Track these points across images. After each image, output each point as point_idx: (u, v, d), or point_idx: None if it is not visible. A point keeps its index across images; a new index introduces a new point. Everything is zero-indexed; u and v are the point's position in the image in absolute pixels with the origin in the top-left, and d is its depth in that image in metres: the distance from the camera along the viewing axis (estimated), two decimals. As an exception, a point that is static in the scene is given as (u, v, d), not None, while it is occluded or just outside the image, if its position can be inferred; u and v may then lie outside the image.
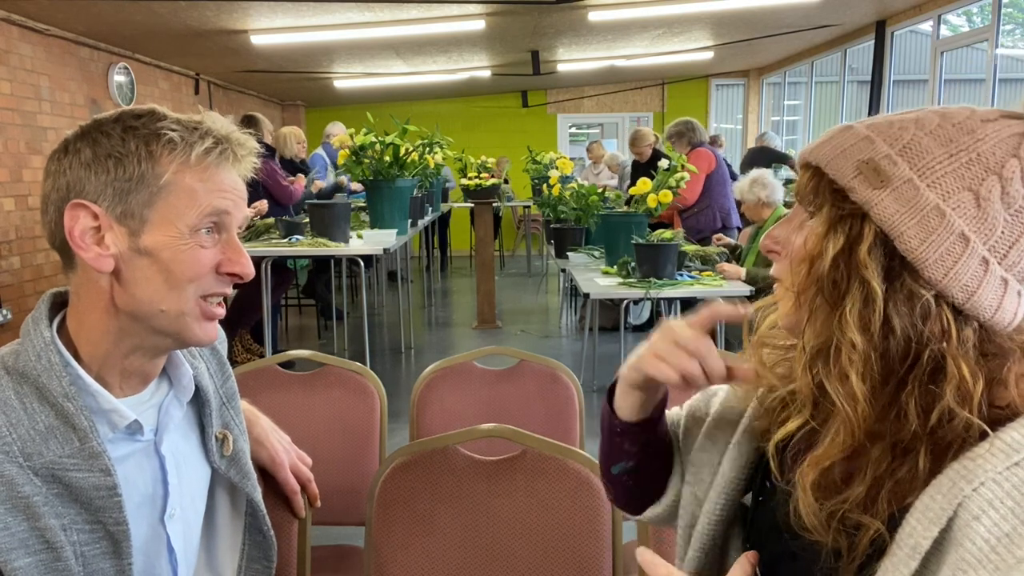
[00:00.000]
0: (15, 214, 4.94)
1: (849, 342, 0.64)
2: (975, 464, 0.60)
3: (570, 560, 1.23)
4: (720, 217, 4.84)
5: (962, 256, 0.63)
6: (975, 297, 0.63)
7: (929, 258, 0.63)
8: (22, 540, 0.77)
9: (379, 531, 1.24)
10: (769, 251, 0.75)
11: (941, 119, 0.67)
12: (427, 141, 4.77)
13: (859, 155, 0.67)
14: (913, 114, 0.69)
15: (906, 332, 0.63)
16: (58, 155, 0.83)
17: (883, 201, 0.65)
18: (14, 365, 0.82)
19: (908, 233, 0.64)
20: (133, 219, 0.81)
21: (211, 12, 5.24)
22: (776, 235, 0.75)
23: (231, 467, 0.99)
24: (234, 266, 0.86)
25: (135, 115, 0.84)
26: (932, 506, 0.60)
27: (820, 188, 0.70)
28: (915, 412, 0.63)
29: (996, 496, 0.58)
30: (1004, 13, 5.47)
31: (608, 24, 6.45)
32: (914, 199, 0.64)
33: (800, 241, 0.71)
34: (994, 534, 0.57)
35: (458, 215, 9.45)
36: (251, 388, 1.66)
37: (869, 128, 0.69)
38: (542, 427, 1.58)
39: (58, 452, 0.79)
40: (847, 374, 0.65)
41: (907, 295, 0.64)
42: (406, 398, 1.96)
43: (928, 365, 0.63)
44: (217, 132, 0.85)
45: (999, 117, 0.67)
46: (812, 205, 0.71)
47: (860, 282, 0.65)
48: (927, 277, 0.63)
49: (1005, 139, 0.65)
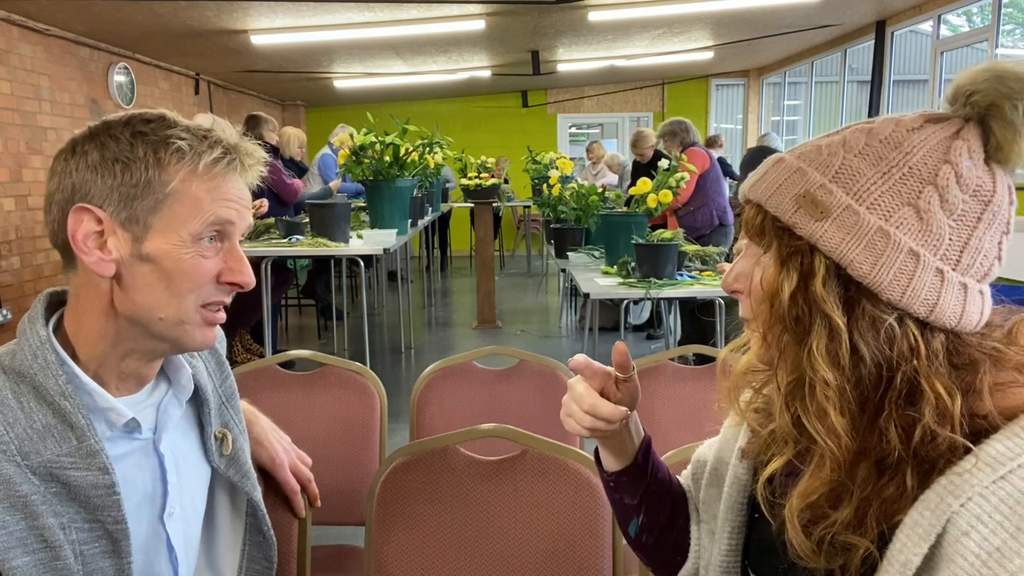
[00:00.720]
0: (15, 214, 4.94)
1: (822, 379, 0.64)
2: (961, 479, 0.59)
3: (570, 560, 1.23)
4: (716, 215, 4.85)
5: (916, 272, 0.63)
6: (938, 308, 0.63)
7: (884, 280, 0.63)
8: (20, 539, 0.77)
9: (379, 531, 1.24)
10: (732, 292, 0.75)
11: (868, 137, 0.67)
12: (427, 141, 4.76)
13: (795, 189, 0.67)
14: (840, 135, 0.69)
15: (875, 358, 0.64)
16: (65, 155, 0.83)
17: (827, 232, 0.65)
18: (10, 364, 0.82)
19: (857, 259, 0.63)
20: (137, 225, 0.81)
21: (211, 12, 5.24)
22: (736, 273, 0.74)
23: (231, 466, 0.99)
24: (235, 275, 0.86)
25: (145, 120, 0.83)
26: (921, 522, 0.60)
27: (765, 225, 0.69)
28: (896, 434, 0.63)
29: (984, 511, 0.58)
30: (1004, 13, 5.47)
31: (608, 24, 6.45)
32: (856, 225, 0.64)
33: (757, 279, 0.71)
34: (985, 549, 0.57)
35: (458, 215, 9.45)
36: (251, 388, 1.66)
37: (800, 158, 0.69)
38: (542, 427, 1.58)
39: (56, 451, 0.79)
40: (825, 410, 0.64)
41: (870, 321, 0.64)
42: (406, 398, 1.96)
43: (902, 387, 0.63)
44: (226, 142, 0.85)
45: (924, 123, 0.67)
46: (762, 242, 0.71)
47: (821, 316, 0.65)
48: (886, 299, 0.63)
49: (934, 147, 0.65)
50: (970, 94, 0.66)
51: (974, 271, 0.65)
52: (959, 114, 0.67)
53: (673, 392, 1.80)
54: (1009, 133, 0.64)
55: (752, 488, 0.83)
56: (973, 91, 0.65)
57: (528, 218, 9.51)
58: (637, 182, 3.86)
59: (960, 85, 0.67)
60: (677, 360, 1.88)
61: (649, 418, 1.77)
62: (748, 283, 0.73)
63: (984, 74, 0.65)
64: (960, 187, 0.64)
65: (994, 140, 0.65)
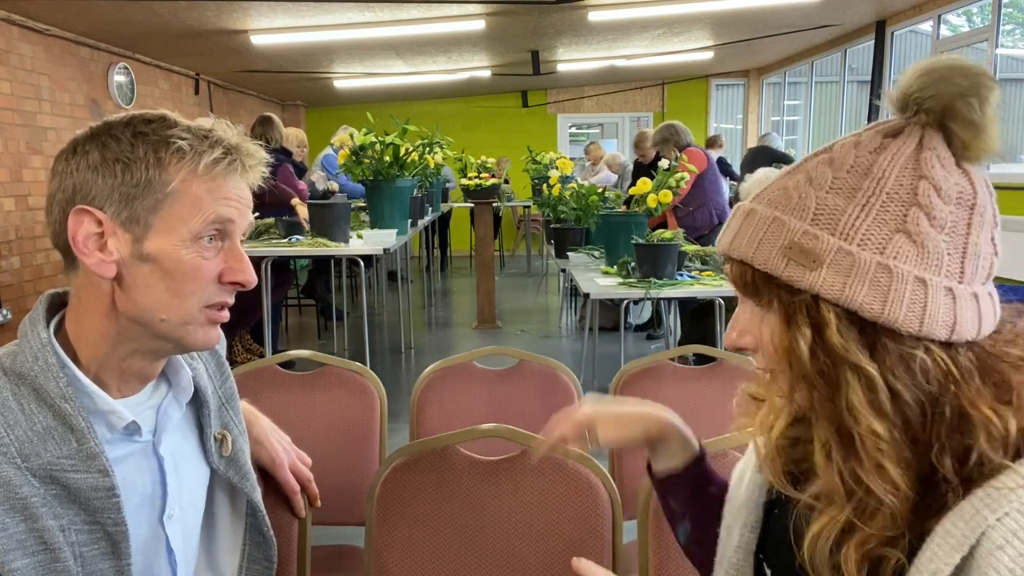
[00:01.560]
0: (15, 214, 4.94)
1: (869, 431, 0.62)
2: (999, 494, 0.58)
3: (570, 560, 1.22)
4: (716, 215, 4.86)
5: (928, 298, 0.61)
6: (958, 326, 0.62)
7: (899, 316, 0.61)
8: (20, 541, 0.77)
9: (379, 531, 1.24)
10: (738, 349, 0.73)
11: (833, 169, 0.64)
12: (427, 141, 4.76)
13: (778, 241, 0.65)
14: (802, 172, 0.66)
15: (917, 397, 0.61)
16: (66, 155, 0.83)
17: (826, 280, 0.62)
18: (11, 366, 0.82)
19: (866, 301, 0.61)
20: (137, 225, 0.81)
21: (211, 12, 5.24)
22: (740, 328, 0.72)
23: (230, 467, 0.99)
24: (237, 275, 0.86)
25: (146, 120, 0.83)
26: (954, 532, 0.59)
27: (758, 283, 0.67)
28: (951, 466, 0.61)
29: (1020, 526, 0.57)
30: (1004, 13, 5.47)
31: (608, 24, 6.45)
32: (853, 265, 0.62)
33: (767, 337, 0.68)
34: (1019, 564, 0.56)
35: (458, 215, 9.45)
36: (251, 388, 1.66)
37: (770, 205, 0.67)
38: (542, 427, 1.58)
39: (56, 453, 0.79)
40: (881, 464, 0.62)
41: (897, 359, 0.62)
42: (406, 398, 1.96)
43: (952, 418, 0.61)
44: (227, 142, 0.84)
45: (882, 140, 0.64)
46: (760, 301, 0.68)
47: (849, 367, 0.62)
48: (906, 333, 0.61)
49: (903, 166, 0.63)
50: (921, 101, 0.64)
51: (979, 276, 0.64)
52: (915, 122, 0.65)
53: (673, 392, 1.80)
54: (971, 131, 0.62)
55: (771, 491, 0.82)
56: (923, 97, 0.63)
57: (528, 218, 9.51)
58: (637, 182, 3.86)
59: (907, 91, 0.65)
60: (677, 360, 1.88)
61: (649, 418, 1.77)
62: (755, 339, 0.70)
63: (929, 77, 0.63)
64: (942, 199, 0.62)
65: (958, 141, 0.63)
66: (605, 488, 1.22)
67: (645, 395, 1.77)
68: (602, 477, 1.23)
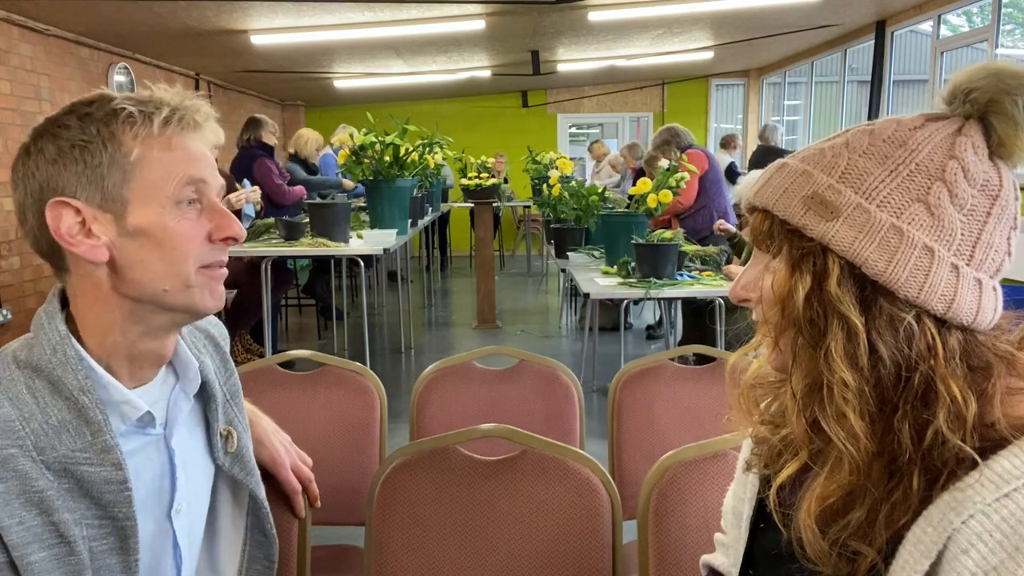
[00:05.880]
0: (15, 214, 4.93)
1: (840, 381, 0.64)
2: (964, 495, 0.59)
3: (570, 560, 1.23)
4: (718, 216, 4.84)
5: (932, 268, 0.63)
6: (955, 304, 0.63)
7: (900, 278, 0.63)
8: (37, 534, 0.77)
9: (379, 531, 1.24)
10: (741, 301, 0.74)
11: (871, 137, 0.67)
12: (427, 141, 4.76)
13: (802, 191, 0.67)
14: (842, 138, 0.69)
15: (895, 358, 0.63)
16: (21, 160, 0.83)
17: (838, 231, 0.64)
18: (27, 359, 0.82)
19: (872, 257, 0.63)
20: (114, 203, 0.81)
21: (211, 12, 5.24)
22: (745, 282, 0.74)
23: (235, 464, 0.99)
24: (224, 231, 0.86)
25: (86, 103, 0.84)
26: (923, 539, 0.60)
27: (773, 230, 0.69)
28: (909, 435, 0.62)
29: (985, 529, 0.57)
30: (1004, 13, 5.47)
31: (608, 24, 6.44)
32: (868, 222, 0.64)
33: (768, 284, 0.70)
34: (982, 568, 0.56)
35: (458, 215, 9.45)
36: (251, 388, 1.66)
37: (803, 161, 0.69)
38: (542, 427, 1.58)
39: (70, 446, 0.79)
40: (844, 413, 0.64)
41: (887, 320, 0.63)
42: (406, 398, 1.96)
43: (919, 387, 0.62)
44: (170, 101, 0.85)
45: (925, 122, 0.67)
46: (771, 247, 0.70)
47: (838, 317, 0.64)
48: (903, 297, 0.63)
49: (938, 143, 0.65)
50: (968, 92, 0.66)
51: (987, 266, 0.65)
52: (958, 112, 0.67)
53: (673, 392, 1.80)
54: (1011, 128, 0.64)
55: (756, 499, 0.82)
56: (971, 89, 0.66)
57: (528, 218, 9.51)
58: (637, 182, 3.86)
59: (958, 84, 0.67)
60: (677, 360, 1.88)
61: (649, 418, 1.77)
62: (757, 291, 0.72)
63: (981, 72, 0.65)
64: (968, 182, 0.64)
65: (996, 136, 0.65)
66: (605, 488, 1.22)
67: (645, 395, 1.77)
68: (602, 477, 1.23)
